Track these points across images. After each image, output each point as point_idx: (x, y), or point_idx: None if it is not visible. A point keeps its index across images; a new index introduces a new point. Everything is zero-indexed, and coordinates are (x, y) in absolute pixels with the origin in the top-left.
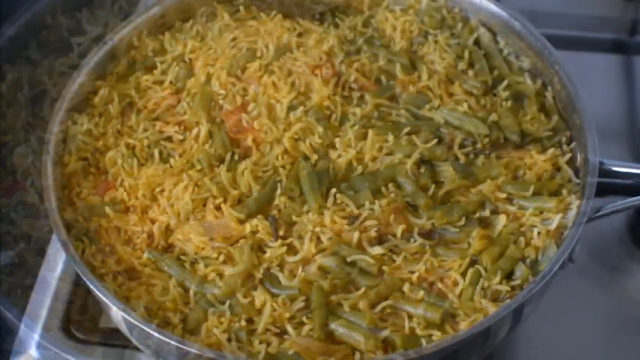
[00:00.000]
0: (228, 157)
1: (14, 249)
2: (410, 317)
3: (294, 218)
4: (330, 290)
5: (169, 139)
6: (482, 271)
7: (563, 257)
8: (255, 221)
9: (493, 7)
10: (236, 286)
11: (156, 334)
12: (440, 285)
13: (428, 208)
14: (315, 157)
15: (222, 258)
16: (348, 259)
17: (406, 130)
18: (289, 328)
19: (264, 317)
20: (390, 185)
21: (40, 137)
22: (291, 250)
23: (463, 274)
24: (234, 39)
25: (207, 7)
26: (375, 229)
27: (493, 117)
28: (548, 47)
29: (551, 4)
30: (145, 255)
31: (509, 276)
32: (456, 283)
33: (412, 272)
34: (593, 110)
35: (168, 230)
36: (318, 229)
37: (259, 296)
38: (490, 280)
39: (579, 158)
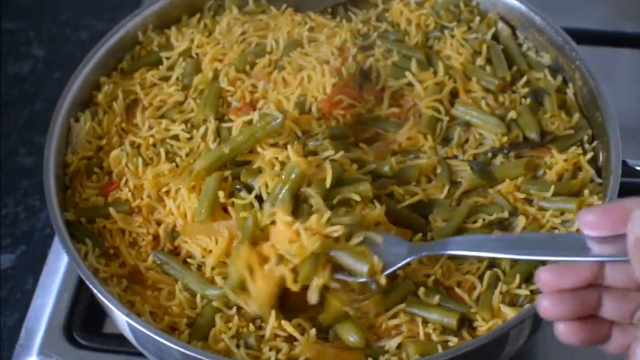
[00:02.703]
0: None
1: (15, 252)
2: (425, 322)
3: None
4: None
5: (176, 137)
6: (501, 275)
7: None
8: None
9: (512, 1)
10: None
11: (162, 340)
12: (457, 289)
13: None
14: None
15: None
16: None
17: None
18: (296, 334)
19: (271, 322)
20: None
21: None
22: None
23: (480, 278)
24: (243, 33)
25: (215, 1)
26: None
27: (512, 114)
28: (569, 42)
29: None
30: (151, 258)
31: (528, 279)
32: (473, 287)
33: (428, 276)
34: (616, 107)
35: (174, 232)
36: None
37: None
38: (509, 284)
39: (601, 157)
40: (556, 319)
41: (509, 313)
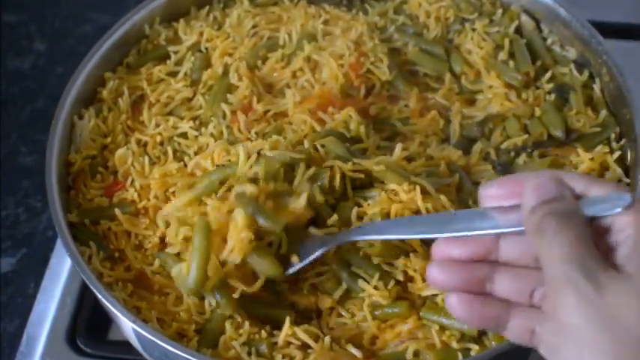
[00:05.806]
0: None
1: (16, 255)
2: (442, 330)
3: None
4: None
5: (184, 135)
6: None
7: None
8: None
9: None
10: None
11: (169, 348)
12: None
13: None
14: None
15: None
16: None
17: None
18: (310, 341)
19: (285, 329)
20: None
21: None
22: None
23: None
24: (254, 27)
25: None
26: None
27: (536, 111)
28: (595, 36)
29: None
30: (157, 261)
31: None
32: None
33: None
34: None
35: None
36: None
37: None
38: None
39: (630, 156)
40: (444, 287)
41: None
